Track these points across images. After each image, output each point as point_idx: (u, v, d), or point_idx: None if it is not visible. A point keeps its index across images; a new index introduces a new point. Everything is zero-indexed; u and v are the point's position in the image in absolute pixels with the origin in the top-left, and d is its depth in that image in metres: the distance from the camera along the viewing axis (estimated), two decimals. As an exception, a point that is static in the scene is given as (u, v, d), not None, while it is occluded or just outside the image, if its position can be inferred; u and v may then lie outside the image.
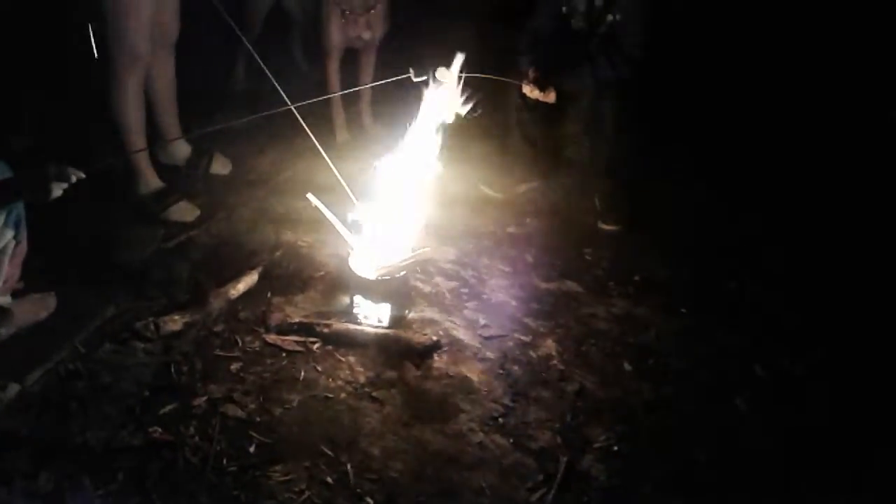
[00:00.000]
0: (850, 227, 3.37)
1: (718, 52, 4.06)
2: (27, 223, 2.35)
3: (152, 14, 3.07)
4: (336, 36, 3.75)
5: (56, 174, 2.03)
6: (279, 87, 2.63)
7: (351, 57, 3.99)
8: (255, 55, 2.73)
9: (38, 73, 3.69)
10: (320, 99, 2.84)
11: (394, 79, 2.73)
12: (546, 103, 3.32)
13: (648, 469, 2.17)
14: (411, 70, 2.72)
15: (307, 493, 1.96)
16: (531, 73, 3.29)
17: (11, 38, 3.50)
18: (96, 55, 3.05)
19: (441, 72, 2.89)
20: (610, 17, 3.27)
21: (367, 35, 3.76)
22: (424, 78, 2.72)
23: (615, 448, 2.23)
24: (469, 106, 2.68)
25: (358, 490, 2.00)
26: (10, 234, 2.26)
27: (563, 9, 3.36)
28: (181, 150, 3.66)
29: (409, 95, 2.70)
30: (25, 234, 2.35)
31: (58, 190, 2.04)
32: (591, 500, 2.05)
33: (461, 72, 2.69)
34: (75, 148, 3.07)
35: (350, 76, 4.00)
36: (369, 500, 1.97)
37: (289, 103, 2.63)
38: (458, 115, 2.69)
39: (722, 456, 2.22)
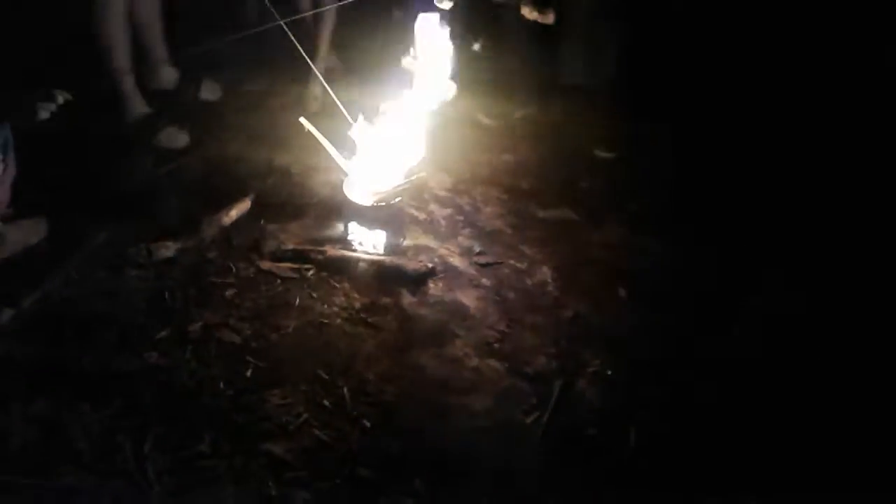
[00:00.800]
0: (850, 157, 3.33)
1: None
2: (17, 149, 2.30)
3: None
4: None
5: (42, 96, 1.98)
6: (269, 5, 2.56)
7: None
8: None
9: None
10: (309, 14, 2.75)
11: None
12: (545, 25, 3.24)
13: (642, 394, 2.19)
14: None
15: (304, 416, 1.98)
16: None
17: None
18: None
19: None
20: None
21: None
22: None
23: (609, 373, 2.24)
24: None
25: (354, 413, 2.01)
26: (-4, 158, 2.22)
27: None
28: (169, 75, 3.59)
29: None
30: (13, 157, 2.31)
31: (44, 112, 2.00)
32: (585, 423, 2.07)
33: None
34: (60, 72, 2.99)
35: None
36: (365, 422, 1.99)
37: (278, 18, 2.56)
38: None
39: (716, 383, 2.24)
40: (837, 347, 2.37)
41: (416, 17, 2.63)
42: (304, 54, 2.70)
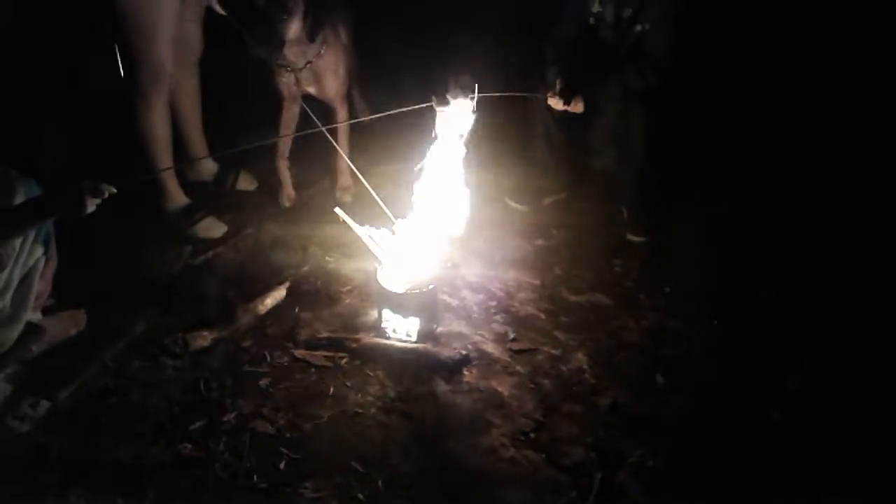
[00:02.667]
0: (884, 235, 3.29)
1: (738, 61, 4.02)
2: (57, 240, 2.36)
3: (176, 33, 3.09)
4: (280, 88, 3.39)
5: (90, 189, 2.04)
6: (307, 108, 2.65)
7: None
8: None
9: (64, 93, 3.73)
10: (354, 122, 2.84)
11: (416, 107, 2.72)
12: (572, 114, 3.30)
13: (684, 484, 2.12)
14: (434, 98, 2.70)
15: (338, 510, 1.94)
16: (557, 84, 3.26)
17: (34, 57, 3.54)
18: (122, 74, 3.08)
19: (455, 93, 2.89)
20: (638, 28, 3.24)
21: (312, 90, 3.38)
22: (448, 107, 2.69)
23: (650, 463, 2.18)
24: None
25: (389, 506, 1.97)
26: (40, 250, 2.28)
27: (591, 19, 3.34)
28: (207, 167, 3.69)
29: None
30: (55, 250, 2.36)
31: (91, 205, 2.06)
32: (628, 517, 2.01)
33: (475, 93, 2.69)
34: (102, 168, 3.09)
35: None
36: (401, 516, 1.95)
37: (319, 125, 2.65)
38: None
39: (758, 470, 2.17)
40: (881, 425, 2.31)
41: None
42: (339, 150, 2.77)
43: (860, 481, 2.13)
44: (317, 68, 3.25)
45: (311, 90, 3.37)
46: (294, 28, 3.00)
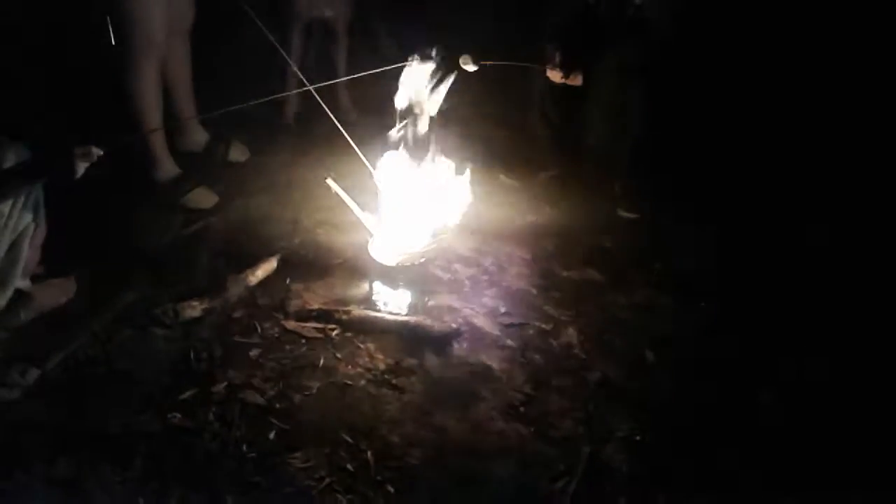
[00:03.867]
0: (880, 222, 3.30)
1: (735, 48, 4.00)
2: (46, 208, 2.34)
3: (168, 1, 3.06)
4: (296, 8, 3.89)
5: (80, 153, 2.03)
6: (296, 69, 2.62)
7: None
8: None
9: (54, 60, 3.68)
10: (340, 80, 2.83)
11: (398, 65, 2.73)
12: (570, 88, 3.28)
13: (672, 460, 2.13)
14: (414, 56, 2.72)
15: (327, 480, 1.94)
16: (557, 58, 3.24)
17: (29, 25, 3.49)
18: (113, 42, 3.04)
19: (465, 59, 2.89)
20: (637, 1, 3.21)
21: (328, 12, 3.91)
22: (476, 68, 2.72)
23: (638, 438, 2.19)
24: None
25: (378, 477, 1.97)
26: (28, 217, 2.26)
27: None
28: (198, 136, 3.66)
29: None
30: (44, 217, 2.34)
31: (81, 168, 2.04)
32: (614, 491, 2.02)
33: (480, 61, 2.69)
34: (92, 134, 3.06)
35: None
36: (389, 487, 1.95)
37: (307, 84, 2.61)
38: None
39: (744, 449, 2.18)
40: (860, 414, 2.32)
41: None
42: (331, 116, 2.75)
43: (845, 465, 2.13)
44: None
45: (328, 14, 3.86)
46: None
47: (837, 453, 2.17)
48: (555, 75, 3.26)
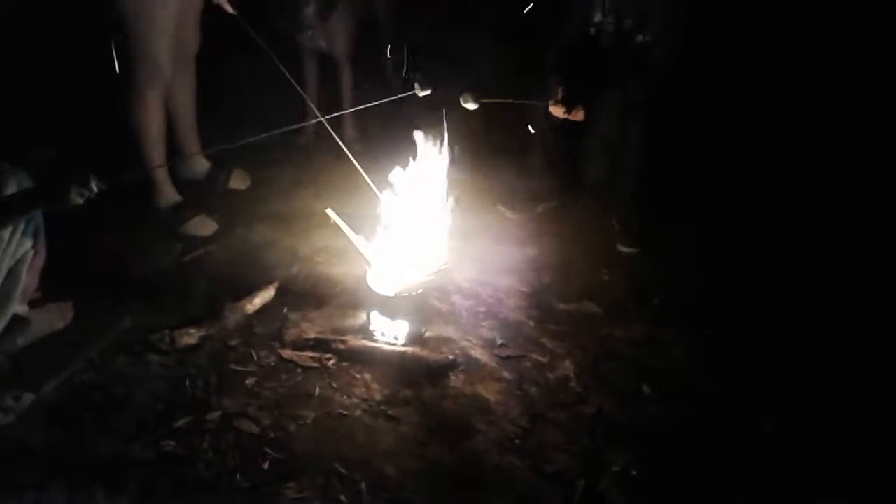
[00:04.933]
0: (883, 244, 3.31)
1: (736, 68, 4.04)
2: (46, 233, 2.35)
3: (174, 28, 3.09)
4: (301, 43, 4.13)
5: (78, 183, 2.04)
6: (307, 99, 2.64)
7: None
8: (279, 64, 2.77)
9: (58, 85, 3.72)
10: (347, 112, 2.87)
11: (399, 96, 2.78)
12: (572, 122, 3.31)
13: (668, 494, 2.12)
14: (416, 85, 2.77)
15: (320, 512, 1.94)
16: (559, 92, 3.27)
17: (32, 51, 3.53)
18: (118, 69, 3.08)
19: (465, 97, 2.93)
20: (639, 38, 3.25)
21: (323, 44, 4.12)
22: (429, 92, 2.78)
23: (633, 472, 2.17)
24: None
25: (371, 510, 1.96)
26: (28, 243, 2.27)
27: (592, 29, 3.35)
28: (200, 164, 3.69)
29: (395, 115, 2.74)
30: (44, 243, 2.35)
31: (78, 199, 2.05)
32: (609, 526, 2.01)
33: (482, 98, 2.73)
34: (95, 161, 3.08)
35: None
36: (383, 520, 1.94)
37: (318, 115, 2.64)
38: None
39: (744, 482, 2.17)
40: (870, 439, 2.31)
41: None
42: (339, 142, 2.79)
43: (847, 495, 2.13)
44: (328, 30, 4.03)
45: (324, 46, 4.10)
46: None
47: (839, 484, 2.16)
48: (557, 110, 3.29)
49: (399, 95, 2.86)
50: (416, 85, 2.83)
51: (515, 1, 3.72)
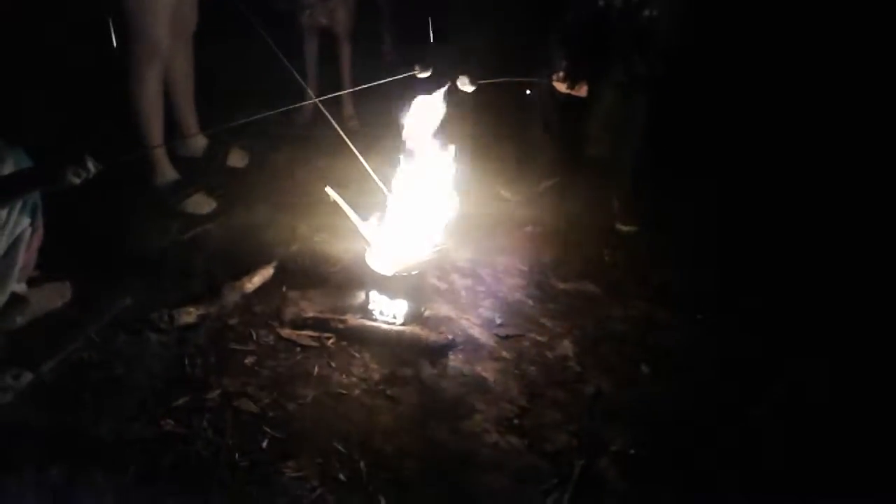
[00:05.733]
0: (878, 234, 3.30)
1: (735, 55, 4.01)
2: (43, 211, 2.34)
3: (172, 6, 3.06)
4: (301, 22, 4.11)
5: (74, 164, 2.03)
6: (302, 81, 2.62)
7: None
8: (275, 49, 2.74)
9: (57, 62, 3.69)
10: (344, 93, 2.86)
11: (400, 76, 2.76)
12: (574, 98, 3.28)
13: (666, 474, 2.13)
14: (416, 66, 2.75)
15: (319, 491, 1.94)
16: (563, 67, 3.24)
17: (35, 27, 3.50)
18: (115, 45, 3.05)
19: (462, 79, 2.90)
20: (646, 13, 3.21)
21: (324, 21, 4.11)
22: (429, 73, 2.77)
23: (632, 452, 2.18)
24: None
25: (370, 488, 1.97)
26: (26, 221, 2.26)
27: (599, 3, 3.30)
28: (198, 142, 3.67)
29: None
30: (41, 221, 2.35)
31: (75, 179, 2.04)
32: (607, 505, 2.02)
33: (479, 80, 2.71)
34: (93, 138, 3.07)
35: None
36: (382, 499, 1.95)
37: (313, 97, 2.62)
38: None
39: (739, 462, 2.18)
40: (859, 426, 2.31)
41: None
42: (336, 126, 2.77)
43: (839, 481, 2.13)
44: (329, 6, 4.03)
45: (325, 23, 4.08)
46: None
47: (835, 467, 2.16)
48: (560, 85, 3.26)
49: (397, 76, 2.83)
50: (416, 66, 2.81)
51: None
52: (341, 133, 2.77)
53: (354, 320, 2.58)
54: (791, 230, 3.36)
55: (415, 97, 2.75)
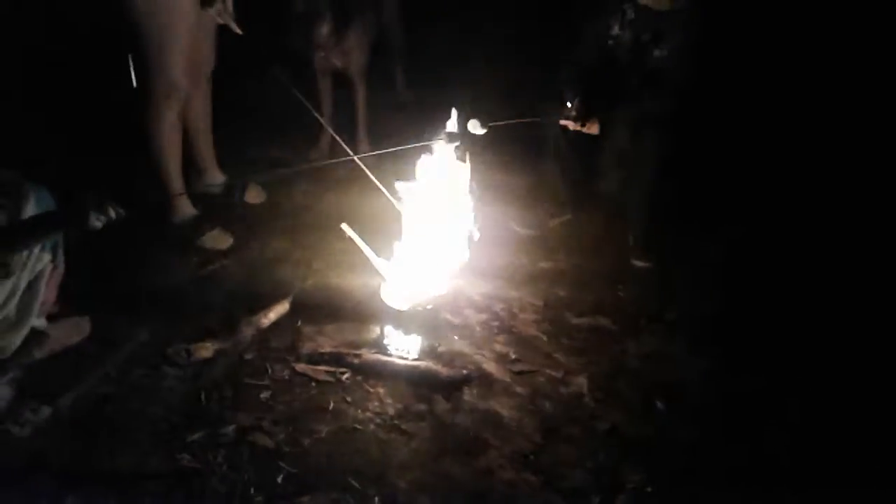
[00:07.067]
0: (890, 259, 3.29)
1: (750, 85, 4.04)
2: (64, 248, 2.38)
3: (190, 46, 3.12)
4: (314, 63, 4.17)
5: (94, 205, 2.06)
6: (337, 138, 2.67)
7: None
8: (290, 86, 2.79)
9: (75, 102, 3.77)
10: (386, 151, 2.89)
11: (428, 143, 2.80)
12: (586, 135, 3.31)
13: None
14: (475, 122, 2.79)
15: (334, 526, 1.94)
16: (574, 106, 3.28)
17: (53, 68, 3.58)
18: (135, 85, 3.11)
19: (473, 123, 2.94)
20: (656, 52, 3.25)
21: (338, 63, 4.16)
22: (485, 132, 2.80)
23: (648, 489, 2.17)
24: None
25: (385, 525, 1.97)
26: (47, 257, 2.29)
27: (609, 42, 3.36)
28: (215, 179, 3.71)
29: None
30: (62, 258, 2.38)
31: (97, 224, 2.08)
32: (624, 543, 2.00)
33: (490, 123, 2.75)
34: (113, 178, 3.12)
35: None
36: (396, 534, 1.94)
37: (350, 153, 2.69)
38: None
39: (757, 499, 2.15)
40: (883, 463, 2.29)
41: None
42: (360, 164, 2.81)
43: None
44: (344, 49, 4.08)
45: (339, 65, 4.14)
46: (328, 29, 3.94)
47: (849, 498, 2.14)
48: (571, 123, 3.29)
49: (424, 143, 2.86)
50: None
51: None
52: (363, 167, 2.81)
53: (369, 355, 2.59)
54: (805, 268, 3.36)
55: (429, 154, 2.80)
